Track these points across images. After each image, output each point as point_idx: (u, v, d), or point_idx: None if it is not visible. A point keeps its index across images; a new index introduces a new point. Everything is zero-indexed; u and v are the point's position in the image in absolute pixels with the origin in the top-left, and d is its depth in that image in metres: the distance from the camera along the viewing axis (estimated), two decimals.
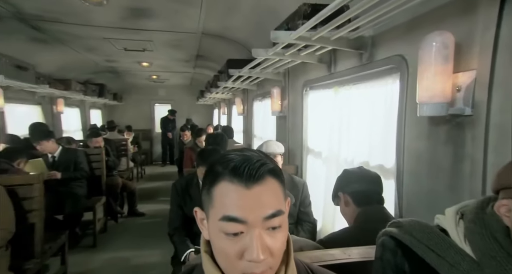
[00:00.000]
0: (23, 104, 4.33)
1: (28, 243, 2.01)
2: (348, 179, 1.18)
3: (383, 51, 1.37)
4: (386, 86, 1.37)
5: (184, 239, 1.80)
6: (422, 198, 1.13)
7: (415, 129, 1.16)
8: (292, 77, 2.64)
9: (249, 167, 0.47)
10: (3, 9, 2.38)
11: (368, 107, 1.51)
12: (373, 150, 1.47)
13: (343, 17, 1.13)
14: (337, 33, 1.33)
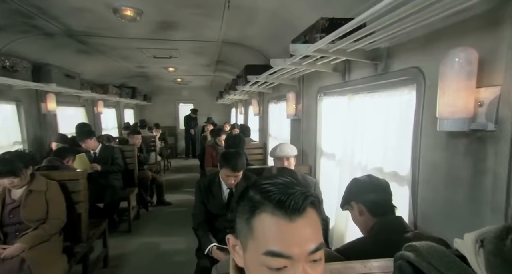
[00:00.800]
0: (70, 106, 4.51)
1: (76, 230, 2.09)
2: (361, 189, 1.08)
3: (399, 62, 1.28)
4: (401, 96, 1.28)
5: (207, 233, 1.79)
6: (439, 207, 1.05)
7: (432, 140, 1.08)
8: (306, 82, 2.56)
9: (294, 200, 0.43)
10: (56, 27, 2.53)
11: (382, 115, 1.43)
12: (387, 157, 1.39)
13: (362, 33, 1.06)
14: (354, 46, 1.26)
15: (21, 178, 1.72)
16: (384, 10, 0.83)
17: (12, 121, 3.10)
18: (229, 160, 1.79)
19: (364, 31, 1.04)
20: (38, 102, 3.49)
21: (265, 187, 0.46)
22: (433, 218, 1.08)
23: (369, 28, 1.01)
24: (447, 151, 1.01)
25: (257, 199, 0.46)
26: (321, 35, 1.26)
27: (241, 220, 0.48)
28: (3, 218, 1.73)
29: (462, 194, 0.95)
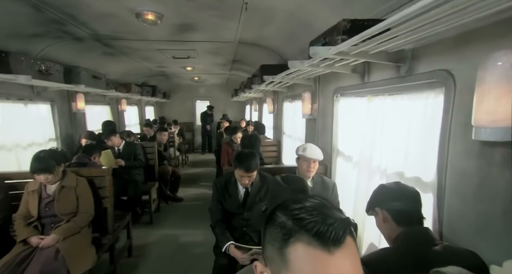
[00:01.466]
0: (97, 105, 4.64)
1: (103, 222, 2.14)
2: (387, 196, 1.01)
3: (425, 64, 1.18)
4: (426, 100, 1.18)
5: (224, 231, 1.77)
6: (469, 218, 0.96)
7: (463, 147, 0.99)
8: (322, 83, 2.47)
9: (334, 231, 0.38)
10: (85, 32, 2.61)
11: (405, 118, 1.33)
12: (409, 161, 1.29)
13: (389, 35, 0.97)
14: (377, 48, 1.17)
15: (54, 174, 1.77)
16: (417, 13, 0.75)
17: (47, 120, 3.23)
18: (243, 160, 1.76)
19: (391, 34, 0.95)
20: (69, 102, 3.61)
21: (297, 213, 0.41)
22: (462, 229, 0.99)
23: (397, 31, 0.92)
24: (481, 160, 0.92)
25: (290, 225, 0.41)
26: (342, 37, 1.18)
27: (273, 248, 0.43)
28: (40, 211, 1.81)
29: (498, 207, 0.85)
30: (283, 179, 1.16)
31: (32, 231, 1.76)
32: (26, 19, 2.14)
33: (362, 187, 1.68)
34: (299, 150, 1.97)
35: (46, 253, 1.66)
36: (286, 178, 1.18)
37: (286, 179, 1.15)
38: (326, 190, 1.97)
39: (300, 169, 1.97)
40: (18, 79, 2.25)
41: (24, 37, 2.42)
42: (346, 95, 2.05)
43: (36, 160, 1.71)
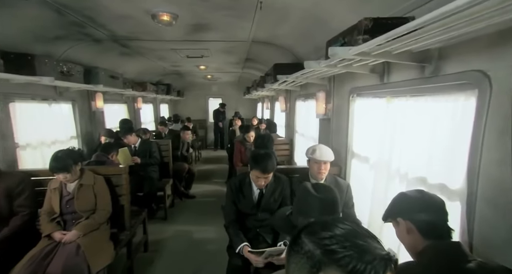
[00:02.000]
0: (114, 103, 4.73)
1: (120, 219, 2.18)
2: (411, 206, 0.92)
3: (454, 65, 1.09)
4: (454, 102, 1.09)
5: (238, 232, 1.75)
6: (502, 232, 0.88)
7: (499, 155, 0.90)
8: (337, 82, 2.37)
9: (374, 270, 0.34)
10: (103, 34, 2.66)
11: (429, 121, 1.24)
12: (432, 167, 1.21)
13: (416, 35, 0.89)
14: (401, 48, 1.08)
15: (72, 173, 1.81)
16: (454, 11, 0.67)
17: (69, 118, 3.32)
18: (260, 161, 1.72)
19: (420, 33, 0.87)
20: (89, 101, 3.70)
21: (327, 243, 0.36)
22: (495, 242, 0.91)
23: (427, 30, 0.83)
24: None
25: (319, 256, 0.36)
26: (363, 37, 1.10)
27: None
28: (61, 207, 1.85)
29: None
30: (313, 186, 1.09)
31: (55, 227, 1.82)
32: (50, 23, 2.18)
33: (379, 190, 1.60)
34: (308, 152, 1.91)
35: (68, 248, 1.71)
36: (317, 185, 1.12)
37: (316, 187, 1.08)
38: (340, 191, 1.89)
39: (312, 170, 1.91)
40: (42, 81, 2.31)
41: (47, 40, 2.48)
42: (363, 95, 1.96)
43: (54, 160, 1.75)
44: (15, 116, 2.45)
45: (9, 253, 1.68)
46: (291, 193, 1.93)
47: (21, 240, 1.77)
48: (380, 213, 1.56)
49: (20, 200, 1.85)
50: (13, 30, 2.13)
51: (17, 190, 1.85)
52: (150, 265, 2.49)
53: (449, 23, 0.77)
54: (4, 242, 1.70)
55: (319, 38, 2.46)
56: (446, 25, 0.78)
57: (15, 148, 2.43)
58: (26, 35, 2.26)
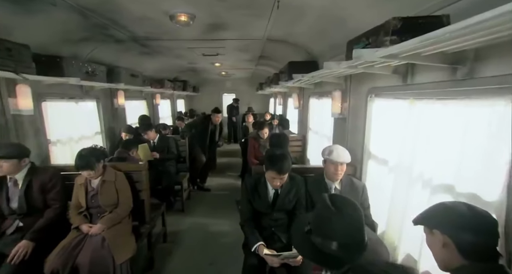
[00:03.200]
0: (134, 100, 4.79)
1: (141, 213, 2.21)
2: (454, 221, 0.78)
3: (492, 67, 0.96)
4: (492, 107, 0.97)
5: (254, 231, 1.72)
6: None
7: None
8: (354, 82, 2.24)
9: None
10: (124, 35, 2.67)
11: (459, 126, 1.12)
12: (463, 175, 1.09)
13: (454, 37, 0.78)
14: (434, 49, 0.97)
15: (95, 170, 1.84)
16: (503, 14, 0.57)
17: (93, 115, 3.40)
18: (275, 162, 1.66)
19: (459, 35, 0.76)
20: (112, 99, 3.76)
21: None
22: None
23: (469, 32, 0.73)
24: None
25: None
26: (391, 38, 0.99)
27: None
28: (87, 202, 1.90)
29: None
30: (332, 199, 0.90)
31: (82, 219, 1.87)
32: (76, 25, 2.21)
33: (399, 193, 1.51)
34: (325, 152, 1.82)
35: (95, 240, 1.75)
36: (336, 199, 0.91)
37: (336, 201, 0.89)
38: (356, 192, 1.82)
39: (327, 171, 1.83)
40: (69, 81, 2.35)
41: (74, 42, 2.51)
42: (382, 96, 1.84)
43: (79, 158, 1.79)
44: (47, 115, 2.53)
45: (44, 241, 1.75)
46: (306, 193, 1.87)
47: (54, 230, 1.84)
48: (399, 218, 1.49)
49: (52, 194, 1.91)
50: (44, 34, 2.18)
51: (50, 184, 1.91)
52: (169, 255, 2.54)
53: (494, 26, 0.66)
54: (40, 232, 1.77)
55: (336, 37, 2.33)
56: (491, 27, 0.67)
57: (47, 144, 2.52)
58: (55, 38, 2.31)
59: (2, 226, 1.79)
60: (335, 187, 1.84)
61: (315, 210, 0.94)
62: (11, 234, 1.77)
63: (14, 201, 1.81)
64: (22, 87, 2.09)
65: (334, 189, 1.84)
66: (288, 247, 1.69)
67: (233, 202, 3.81)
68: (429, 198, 1.25)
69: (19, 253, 1.63)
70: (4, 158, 1.71)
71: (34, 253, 1.68)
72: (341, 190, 1.83)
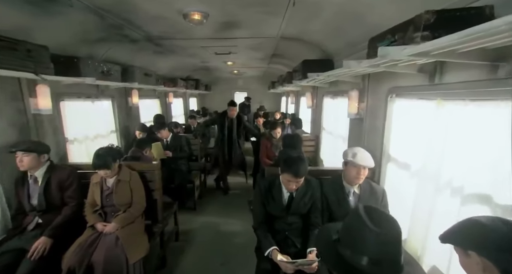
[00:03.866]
0: (148, 99, 4.85)
1: (153, 212, 2.21)
2: (494, 243, 0.68)
3: None
4: None
5: (267, 235, 1.67)
6: None
7: None
8: (373, 81, 2.13)
9: None
10: (138, 34, 2.67)
11: (498, 130, 1.01)
12: (502, 186, 0.98)
13: (502, 31, 0.68)
14: (473, 46, 0.86)
15: (112, 169, 1.85)
16: None
17: (109, 114, 3.46)
18: (291, 165, 1.60)
19: (507, 29, 0.66)
20: (126, 97, 3.82)
21: None
22: None
23: None
24: None
25: None
26: (423, 34, 0.90)
27: None
28: (102, 201, 1.92)
29: None
30: (368, 212, 0.80)
31: (97, 218, 1.89)
32: (92, 26, 2.23)
33: (423, 200, 1.40)
34: (347, 154, 1.72)
35: (109, 239, 1.77)
36: (373, 211, 0.81)
37: (372, 213, 0.80)
38: (375, 197, 1.72)
39: (348, 175, 1.74)
40: (85, 81, 2.39)
41: (90, 42, 2.55)
42: (404, 96, 1.72)
43: (96, 157, 1.80)
44: (64, 114, 2.58)
45: (62, 238, 1.79)
46: (322, 196, 1.79)
47: (71, 227, 1.87)
48: (422, 226, 1.38)
49: (69, 192, 1.95)
50: (62, 35, 2.22)
51: (67, 182, 1.95)
52: (181, 254, 2.55)
53: None
54: (58, 228, 1.81)
55: (354, 34, 2.21)
56: None
57: (65, 142, 2.58)
58: (73, 39, 2.35)
59: (23, 222, 1.85)
60: (354, 191, 1.75)
61: (347, 220, 0.86)
62: (32, 230, 1.82)
63: (34, 198, 1.86)
64: (42, 87, 2.14)
65: (353, 193, 1.75)
66: (302, 252, 1.63)
67: (245, 201, 3.78)
68: (459, 208, 1.15)
69: (39, 249, 1.67)
70: (24, 151, 1.77)
71: (52, 249, 1.72)
72: (360, 195, 1.73)
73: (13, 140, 1.95)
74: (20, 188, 1.86)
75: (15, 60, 1.74)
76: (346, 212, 1.71)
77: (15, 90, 2.05)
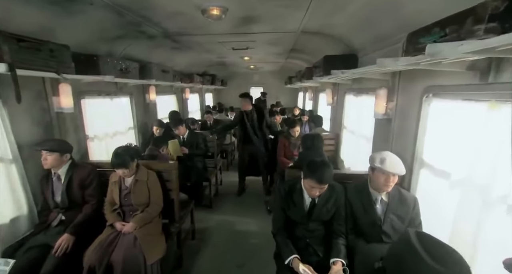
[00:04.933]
0: (165, 95, 4.87)
1: (170, 212, 2.20)
2: None
3: None
4: None
5: (287, 242, 1.59)
6: None
7: None
8: (405, 79, 1.94)
9: None
10: (156, 31, 2.64)
11: None
12: None
13: None
14: None
15: (130, 169, 1.85)
16: None
17: (127, 111, 3.50)
18: (315, 170, 1.49)
19: None
20: (144, 94, 3.84)
21: None
22: None
23: None
24: None
25: None
26: (487, 26, 0.75)
27: None
28: (121, 200, 1.93)
29: None
30: (422, 241, 0.68)
31: (116, 217, 1.91)
32: (111, 24, 2.23)
33: (468, 215, 1.24)
34: (375, 160, 1.58)
35: (127, 239, 1.77)
36: (428, 241, 0.69)
37: (429, 246, 0.68)
38: (405, 206, 1.57)
39: (375, 181, 1.61)
40: (105, 79, 2.40)
41: (109, 39, 2.55)
42: (443, 96, 1.53)
43: (115, 156, 1.80)
44: (85, 111, 2.63)
45: (83, 235, 1.83)
46: (346, 202, 1.67)
47: (92, 225, 1.91)
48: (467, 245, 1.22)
49: (89, 190, 1.98)
50: (83, 33, 2.23)
51: (88, 180, 1.98)
52: (197, 254, 2.54)
53: None
54: (79, 226, 1.85)
55: (384, 26, 2.02)
56: None
57: (86, 140, 2.63)
58: (93, 37, 2.36)
59: (48, 218, 1.90)
60: (381, 198, 1.62)
61: (394, 247, 0.73)
62: (55, 226, 1.87)
63: (58, 195, 1.91)
64: (64, 86, 2.17)
65: (380, 201, 1.62)
66: (324, 261, 1.54)
67: (260, 199, 3.73)
68: None
69: (62, 246, 1.71)
70: (47, 150, 1.82)
71: (74, 246, 1.76)
72: (389, 203, 1.60)
73: (38, 138, 2.00)
74: (45, 185, 1.92)
75: (39, 60, 1.75)
76: (372, 220, 1.59)
77: (40, 89, 2.09)
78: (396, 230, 1.55)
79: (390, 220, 1.56)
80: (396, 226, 1.55)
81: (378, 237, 1.55)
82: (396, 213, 1.57)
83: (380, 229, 1.55)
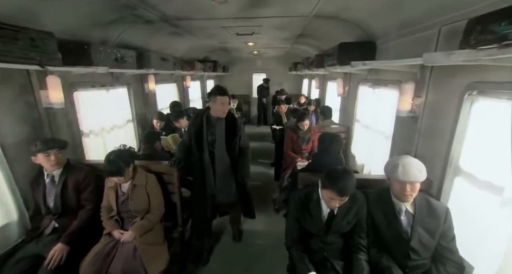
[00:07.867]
0: (165, 83, 4.60)
1: (172, 216, 2.06)
2: None
3: None
4: None
5: (302, 256, 1.45)
6: None
7: None
8: (439, 72, 1.68)
9: None
10: (154, 15, 2.37)
11: None
12: None
13: None
14: None
15: (125, 175, 1.68)
16: None
17: (125, 102, 3.27)
18: (336, 181, 1.31)
19: None
20: (142, 83, 3.59)
21: None
22: None
23: None
24: None
25: None
26: None
27: None
28: (118, 206, 1.77)
29: None
30: None
31: (114, 225, 1.76)
32: (103, 6, 1.97)
33: None
34: (388, 168, 1.41)
35: (126, 249, 1.64)
36: None
37: None
38: (436, 218, 1.39)
39: (393, 189, 1.44)
40: (98, 70, 2.15)
41: (102, 25, 2.28)
42: (494, 95, 1.30)
43: (108, 164, 1.62)
44: (78, 105, 2.41)
45: (79, 244, 1.69)
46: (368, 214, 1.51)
47: (88, 233, 1.77)
48: None
49: (85, 194, 1.83)
50: (71, 18, 1.96)
51: (84, 183, 1.82)
52: (202, 256, 2.44)
53: None
54: (74, 234, 1.71)
55: (414, 9, 1.74)
56: None
57: (80, 136, 2.44)
58: (82, 22, 2.10)
59: (40, 225, 1.76)
60: (406, 209, 1.45)
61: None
62: (48, 235, 1.73)
63: (50, 200, 1.75)
64: (52, 78, 1.93)
65: (405, 211, 1.45)
66: None
67: (266, 194, 3.60)
68: None
69: (55, 257, 1.58)
70: (60, 148, 1.73)
71: (69, 256, 1.62)
72: (415, 214, 1.42)
73: (26, 137, 1.81)
74: (36, 189, 1.76)
75: (17, 51, 1.50)
76: (397, 234, 1.43)
77: (24, 83, 1.86)
78: (425, 245, 1.39)
79: (418, 234, 1.40)
80: (424, 240, 1.39)
81: (405, 253, 1.40)
82: (425, 226, 1.40)
83: (407, 245, 1.40)
